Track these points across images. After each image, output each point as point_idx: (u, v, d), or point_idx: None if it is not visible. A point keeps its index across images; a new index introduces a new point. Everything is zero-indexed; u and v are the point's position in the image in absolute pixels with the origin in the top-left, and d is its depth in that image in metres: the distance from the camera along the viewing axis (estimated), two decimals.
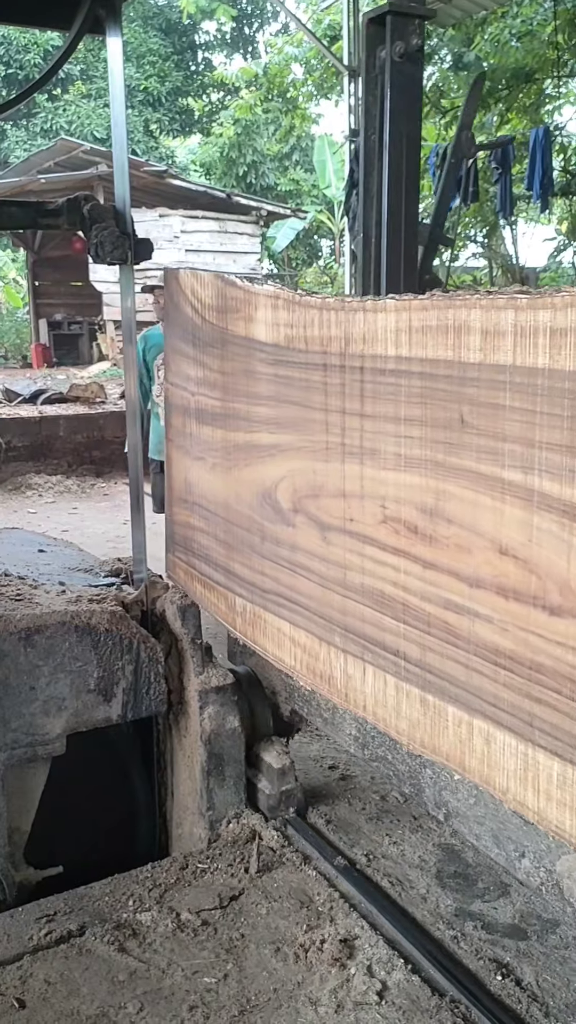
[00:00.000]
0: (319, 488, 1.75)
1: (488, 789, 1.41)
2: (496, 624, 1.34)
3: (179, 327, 2.38)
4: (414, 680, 1.54)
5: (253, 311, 1.94)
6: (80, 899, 2.26)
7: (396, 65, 2.81)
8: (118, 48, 2.45)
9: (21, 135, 24.12)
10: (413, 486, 1.48)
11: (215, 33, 26.40)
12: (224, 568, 2.23)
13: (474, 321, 1.29)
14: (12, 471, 8.84)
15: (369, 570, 1.63)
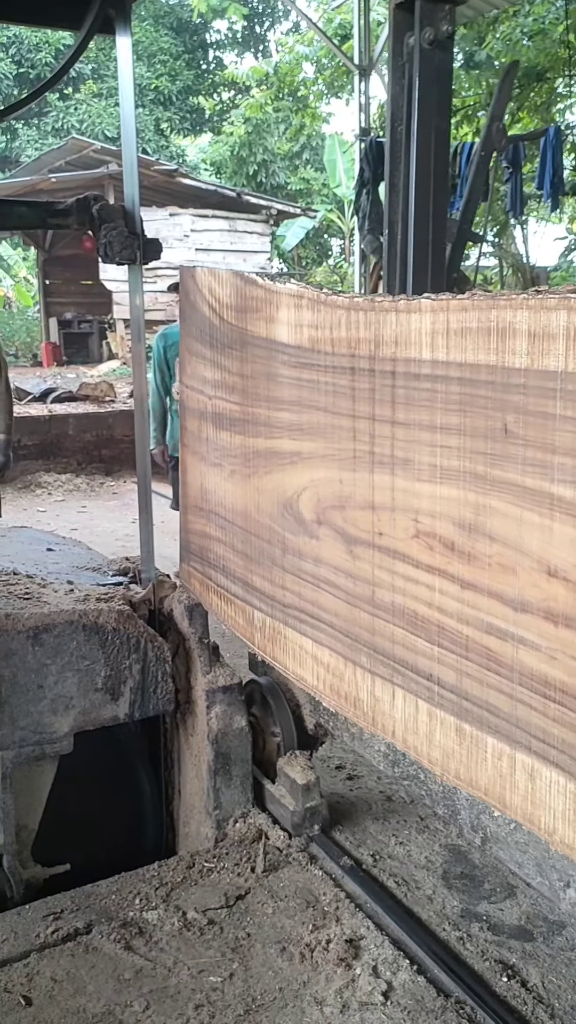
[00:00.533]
0: (346, 499, 1.67)
1: (532, 828, 1.34)
2: (544, 652, 1.26)
3: (195, 327, 2.30)
4: (449, 707, 1.46)
5: (275, 311, 1.87)
6: (87, 897, 2.26)
7: (425, 53, 2.64)
8: (128, 47, 2.45)
9: (32, 134, 24.18)
10: (450, 499, 1.39)
11: (226, 32, 26.42)
12: (243, 580, 2.16)
13: (520, 323, 1.21)
14: (22, 469, 8.86)
15: (400, 588, 1.54)
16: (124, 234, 2.46)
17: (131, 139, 2.46)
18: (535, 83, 11.83)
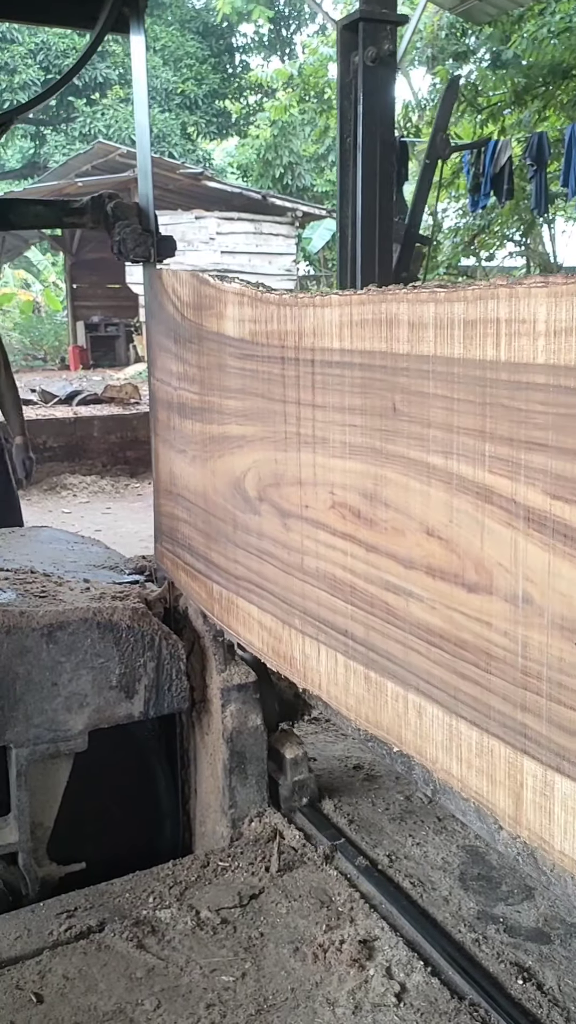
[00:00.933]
0: (280, 477, 1.83)
1: (422, 760, 1.49)
2: (426, 603, 1.40)
3: (162, 324, 2.47)
4: (360, 658, 1.62)
5: (223, 308, 2.02)
6: (101, 895, 2.26)
7: (368, 70, 2.89)
8: (141, 46, 2.45)
9: (60, 140, 24.41)
10: (356, 472, 1.55)
11: (252, 35, 26.51)
12: (204, 557, 2.33)
13: (402, 314, 1.36)
14: (47, 471, 8.92)
15: (322, 554, 1.70)
16: (138, 231, 2.46)
17: (145, 137, 2.47)
18: (561, 81, 11.73)
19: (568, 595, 1.12)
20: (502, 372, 1.18)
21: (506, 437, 1.19)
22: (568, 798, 1.18)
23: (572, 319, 1.05)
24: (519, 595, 1.20)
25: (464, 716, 1.35)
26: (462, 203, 13.69)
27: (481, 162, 9.93)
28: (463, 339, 1.23)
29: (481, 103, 13.05)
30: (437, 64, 13.88)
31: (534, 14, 12.25)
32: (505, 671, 1.25)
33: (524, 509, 1.17)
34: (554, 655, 1.16)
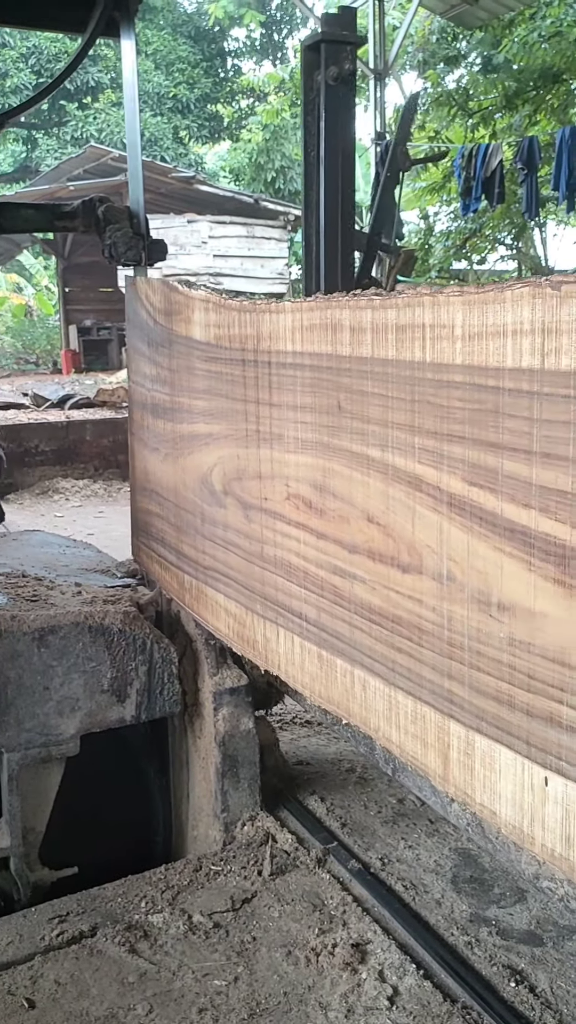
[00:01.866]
0: (242, 471, 1.95)
1: (366, 730, 1.60)
2: (367, 584, 1.52)
3: (138, 329, 2.58)
4: (313, 639, 1.73)
5: (191, 313, 2.14)
6: (93, 900, 2.25)
7: (330, 88, 3.07)
8: (131, 50, 2.46)
9: (52, 143, 24.39)
10: (307, 466, 1.67)
11: (244, 40, 26.55)
12: (175, 549, 2.44)
13: (344, 319, 1.48)
14: (39, 475, 8.91)
15: (279, 543, 1.82)
16: (129, 235, 2.47)
17: (135, 141, 2.47)
18: (552, 85, 11.78)
19: (484, 572, 1.23)
20: (428, 372, 1.29)
21: (432, 431, 1.30)
22: (486, 755, 1.29)
23: (483, 324, 1.16)
24: (444, 573, 1.32)
25: (401, 687, 1.46)
26: (454, 207, 13.72)
27: (472, 166, 9.96)
28: (396, 342, 1.35)
29: (472, 107, 13.09)
30: (428, 68, 13.92)
31: (525, 19, 12.29)
32: (434, 643, 1.36)
33: (447, 495, 1.29)
34: (473, 626, 1.27)
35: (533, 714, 1.18)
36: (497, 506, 1.18)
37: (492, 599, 1.22)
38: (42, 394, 10.78)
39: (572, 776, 1.13)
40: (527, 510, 1.13)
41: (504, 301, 1.12)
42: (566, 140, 9.34)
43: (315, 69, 3.12)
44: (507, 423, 1.15)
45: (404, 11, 12.17)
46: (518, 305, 1.10)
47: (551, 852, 1.20)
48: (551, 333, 1.06)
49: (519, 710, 1.20)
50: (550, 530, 1.10)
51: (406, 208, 15.19)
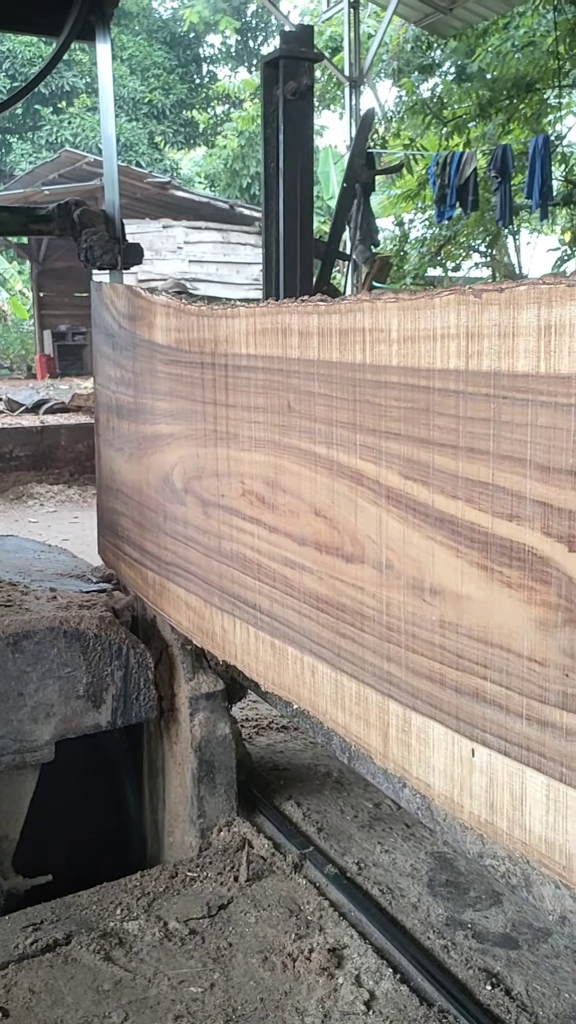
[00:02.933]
0: (201, 469, 2.02)
1: (315, 713, 1.67)
2: (315, 574, 1.59)
3: (103, 333, 2.65)
4: (266, 628, 1.81)
5: (153, 318, 2.21)
6: (67, 908, 2.23)
7: (288, 102, 3.20)
8: (107, 54, 2.46)
9: (26, 148, 24.27)
10: (261, 463, 1.74)
11: (220, 46, 26.57)
12: (139, 546, 2.50)
13: (293, 324, 1.55)
14: (14, 480, 8.84)
15: (235, 537, 1.88)
16: (105, 239, 2.46)
17: (111, 145, 2.46)
18: (525, 94, 11.88)
19: (417, 559, 1.31)
20: (367, 373, 1.37)
21: (371, 428, 1.38)
22: (420, 731, 1.36)
23: (416, 328, 1.23)
24: (383, 562, 1.39)
25: (345, 671, 1.54)
26: (428, 214, 13.80)
27: (447, 174, 10.03)
28: (339, 345, 1.43)
29: (447, 116, 13.17)
30: (403, 76, 14.00)
31: (498, 28, 12.40)
32: (374, 628, 1.43)
33: (385, 489, 1.36)
34: (408, 611, 1.35)
35: (461, 690, 1.26)
36: (429, 498, 1.26)
37: (425, 585, 1.30)
38: (16, 399, 10.70)
39: (495, 746, 1.20)
40: (454, 501, 1.21)
41: (434, 307, 1.20)
42: (539, 149, 9.43)
43: (274, 84, 3.24)
44: (437, 421, 1.23)
45: (379, 19, 12.23)
46: (445, 311, 1.18)
47: (478, 818, 1.27)
48: (474, 337, 1.14)
49: (449, 687, 1.28)
50: (474, 519, 1.18)
51: (382, 215, 15.26)
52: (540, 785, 1.14)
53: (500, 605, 1.16)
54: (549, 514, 1.06)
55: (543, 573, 1.08)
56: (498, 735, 1.19)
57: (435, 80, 14.36)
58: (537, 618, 1.10)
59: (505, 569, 1.14)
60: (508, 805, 1.20)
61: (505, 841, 1.22)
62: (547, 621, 1.09)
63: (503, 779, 1.20)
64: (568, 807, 1.10)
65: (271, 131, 3.32)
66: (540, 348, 1.05)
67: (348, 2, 10.94)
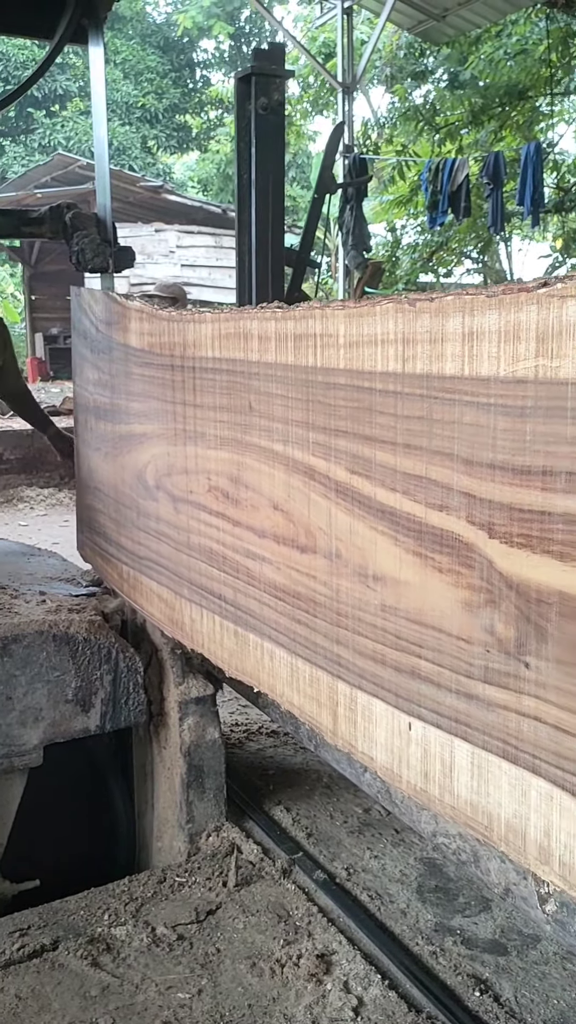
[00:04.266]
0: (171, 467, 2.10)
1: (273, 696, 1.75)
2: (274, 564, 1.67)
3: (83, 336, 2.75)
4: (230, 617, 1.88)
5: (128, 322, 2.31)
6: (55, 913, 2.22)
7: (260, 117, 3.36)
8: (100, 57, 2.45)
9: (19, 151, 24.24)
10: (225, 460, 1.82)
11: (213, 51, 26.60)
12: (115, 542, 2.58)
13: (254, 329, 1.64)
14: (4, 483, 8.81)
15: (203, 531, 1.96)
16: (96, 242, 2.46)
17: (103, 148, 2.46)
18: (517, 102, 11.93)
19: (362, 548, 1.39)
20: (319, 375, 1.46)
21: (322, 427, 1.46)
22: (365, 709, 1.44)
23: (360, 334, 1.32)
24: (333, 552, 1.47)
25: (300, 655, 1.61)
26: (421, 220, 13.83)
27: (439, 180, 10.05)
28: (294, 349, 1.52)
29: (439, 123, 13.21)
30: (396, 83, 14.03)
31: (491, 36, 12.44)
32: (326, 614, 1.51)
33: (334, 483, 1.45)
34: (355, 597, 1.42)
35: (400, 669, 1.34)
36: (372, 491, 1.35)
37: (369, 572, 1.38)
38: None
39: (428, 720, 1.29)
40: (394, 494, 1.30)
41: (375, 314, 1.29)
42: (531, 156, 9.47)
43: (247, 99, 3.40)
44: (378, 419, 1.31)
45: (372, 26, 12.26)
46: (385, 318, 1.26)
47: (414, 787, 1.35)
48: (409, 342, 1.22)
49: (389, 666, 1.36)
50: (411, 510, 1.27)
51: (375, 221, 15.29)
52: (466, 753, 1.22)
53: (432, 589, 1.24)
54: (472, 504, 1.14)
55: (468, 558, 1.17)
56: (431, 709, 1.28)
57: (428, 87, 14.41)
58: (463, 600, 1.19)
59: (436, 555, 1.23)
60: (439, 773, 1.28)
61: (437, 807, 1.31)
62: (471, 602, 1.17)
63: (435, 749, 1.29)
64: (489, 772, 1.18)
65: (244, 144, 3.46)
66: (464, 353, 1.13)
67: (342, 8, 10.96)
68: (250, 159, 3.43)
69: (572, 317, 0.96)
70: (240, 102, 3.47)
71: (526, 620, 1.08)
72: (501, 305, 1.05)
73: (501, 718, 1.14)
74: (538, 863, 1.11)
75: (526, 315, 1.02)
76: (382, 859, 2.47)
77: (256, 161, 3.41)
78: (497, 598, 1.12)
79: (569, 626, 1.02)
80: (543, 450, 1.03)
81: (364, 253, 10.82)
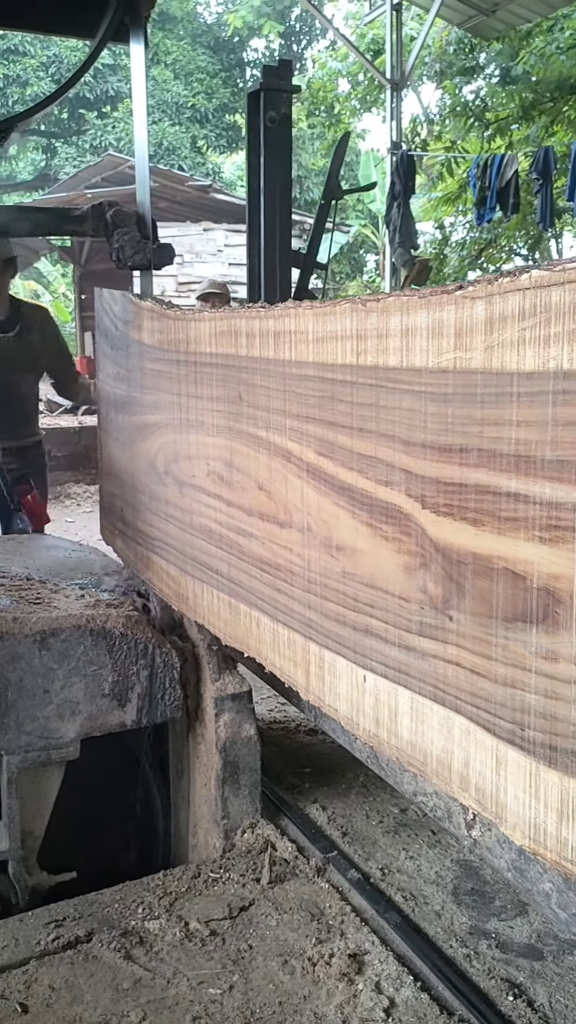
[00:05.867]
0: (177, 454, 2.26)
1: (260, 659, 1.91)
2: (259, 540, 1.82)
3: (104, 334, 2.96)
4: (225, 590, 2.04)
5: (142, 321, 2.49)
6: (90, 905, 2.24)
7: (269, 129, 3.60)
8: (141, 55, 2.47)
9: (71, 152, 24.55)
10: (221, 446, 1.98)
11: (263, 50, 26.66)
12: (131, 524, 2.76)
13: (243, 327, 1.80)
14: (52, 480, 8.91)
15: (203, 512, 2.12)
16: (136, 239, 2.47)
17: (143, 146, 2.47)
18: (569, 96, 11.76)
19: (327, 522, 1.55)
20: (293, 368, 1.61)
21: (296, 414, 1.62)
22: (331, 666, 1.59)
23: (325, 331, 1.49)
24: (305, 526, 1.63)
25: (281, 620, 1.77)
26: (469, 217, 13.71)
27: (487, 176, 9.95)
28: (274, 345, 1.67)
29: (489, 118, 13.08)
30: (445, 79, 13.93)
31: (543, 30, 12.29)
32: (300, 582, 1.67)
33: (306, 464, 1.60)
34: (322, 565, 1.58)
35: (357, 628, 1.49)
36: (334, 471, 1.51)
37: (333, 543, 1.54)
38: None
39: (378, 671, 1.44)
40: (351, 472, 1.45)
41: (336, 313, 1.44)
42: None
43: (256, 113, 3.64)
44: (339, 407, 1.47)
45: (421, 22, 12.17)
46: (343, 317, 1.42)
47: (368, 732, 1.50)
48: (362, 338, 1.38)
49: (349, 626, 1.52)
50: (364, 486, 1.42)
51: (423, 218, 15.20)
52: (407, 699, 1.38)
53: (381, 555, 1.40)
54: (410, 479, 1.30)
55: (406, 527, 1.33)
56: (380, 662, 1.44)
57: (479, 82, 14.28)
58: (403, 564, 1.34)
59: (383, 526, 1.38)
60: (387, 718, 1.44)
61: (386, 749, 1.46)
62: (410, 565, 1.33)
63: (384, 698, 1.44)
64: (424, 714, 1.34)
65: (254, 154, 3.67)
66: (403, 347, 1.28)
67: (391, 4, 10.91)
68: (259, 168, 3.65)
69: (479, 315, 1.11)
70: (250, 115, 3.69)
71: (450, 579, 1.23)
72: (429, 305, 1.21)
73: (432, 666, 1.30)
74: (460, 790, 1.27)
75: (447, 314, 1.17)
76: (417, 860, 2.45)
77: (265, 170, 3.64)
78: (428, 561, 1.28)
79: (480, 582, 1.17)
80: (460, 430, 1.18)
81: (411, 251, 10.75)
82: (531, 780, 1.12)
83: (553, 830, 1.09)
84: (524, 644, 1.09)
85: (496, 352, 1.09)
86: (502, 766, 1.16)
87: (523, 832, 1.14)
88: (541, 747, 1.09)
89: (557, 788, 1.07)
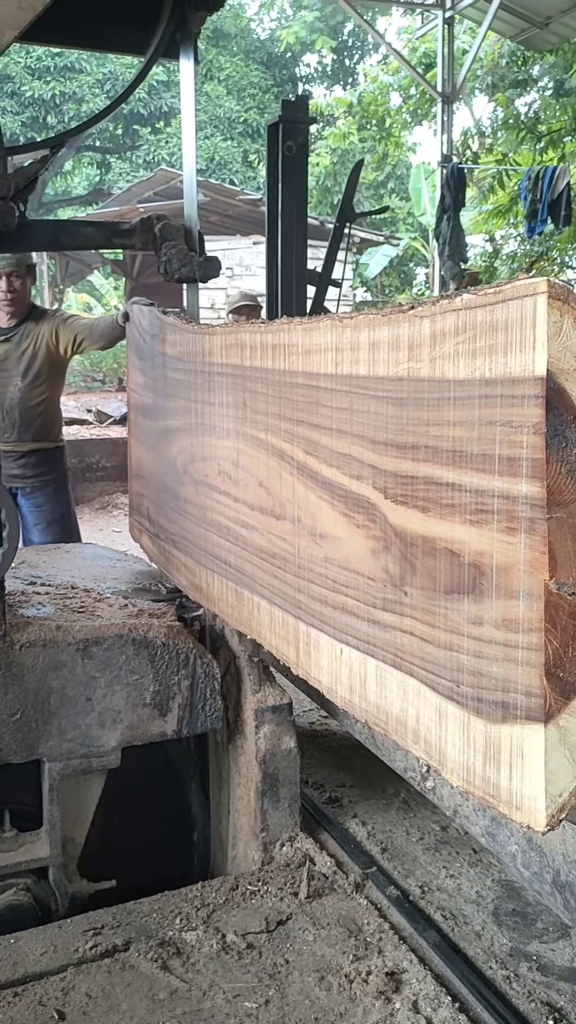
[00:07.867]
0: (194, 455, 2.42)
1: (260, 640, 2.06)
2: (259, 531, 1.98)
3: (135, 346, 3.21)
4: (232, 579, 2.19)
5: (166, 334, 2.69)
6: (128, 914, 2.25)
7: (287, 158, 3.89)
8: (190, 72, 2.49)
9: (125, 167, 24.87)
10: (229, 448, 2.14)
11: (316, 66, 26.78)
12: (156, 522, 2.93)
13: (247, 340, 1.98)
14: (99, 491, 9.02)
15: (215, 508, 2.27)
16: (184, 252, 2.49)
17: (191, 159, 2.50)
18: None
19: (313, 514, 1.70)
20: (287, 377, 1.78)
21: (289, 417, 1.78)
22: (315, 642, 1.74)
23: (310, 344, 1.66)
24: (296, 518, 1.78)
25: (277, 604, 1.92)
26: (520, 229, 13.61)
27: (539, 188, 9.87)
28: (272, 356, 1.85)
29: (541, 130, 12.99)
30: (497, 92, 13.87)
31: None
32: (292, 568, 1.82)
33: (296, 463, 1.76)
34: (309, 552, 1.73)
35: (335, 606, 1.65)
36: (318, 468, 1.67)
37: (317, 532, 1.69)
38: (105, 411, 10.94)
39: (352, 644, 1.59)
40: (331, 468, 1.62)
41: (319, 328, 1.62)
42: None
43: (275, 143, 3.94)
44: (322, 410, 1.63)
45: (474, 35, 12.14)
46: (325, 331, 1.59)
47: (343, 699, 1.64)
48: (339, 350, 1.55)
49: (330, 605, 1.67)
50: (341, 481, 1.58)
51: (473, 231, 15.12)
52: (373, 667, 1.52)
53: (354, 541, 1.55)
54: (375, 473, 1.46)
55: (373, 515, 1.48)
56: (353, 636, 1.58)
57: (531, 95, 14.19)
58: (371, 548, 1.49)
59: (356, 515, 1.54)
60: (359, 685, 1.58)
61: (358, 713, 1.59)
62: (375, 549, 1.48)
63: (356, 668, 1.59)
64: (386, 680, 1.48)
65: (273, 180, 3.94)
66: (370, 358, 1.45)
67: (443, 18, 10.90)
68: (277, 193, 3.93)
69: (425, 332, 1.28)
70: (270, 145, 3.98)
71: (405, 559, 1.38)
72: (390, 322, 1.37)
73: (392, 636, 1.45)
74: (412, 744, 1.41)
75: (402, 330, 1.34)
76: (458, 879, 2.42)
77: (283, 195, 3.92)
78: (389, 544, 1.43)
79: (427, 560, 1.32)
80: (412, 430, 1.33)
81: (461, 263, 10.70)
82: (463, 729, 1.27)
83: (479, 770, 1.24)
84: (459, 612, 1.26)
85: (438, 363, 1.26)
86: (443, 719, 1.32)
87: (458, 775, 1.30)
88: (471, 700, 1.24)
89: (483, 734, 1.23)
